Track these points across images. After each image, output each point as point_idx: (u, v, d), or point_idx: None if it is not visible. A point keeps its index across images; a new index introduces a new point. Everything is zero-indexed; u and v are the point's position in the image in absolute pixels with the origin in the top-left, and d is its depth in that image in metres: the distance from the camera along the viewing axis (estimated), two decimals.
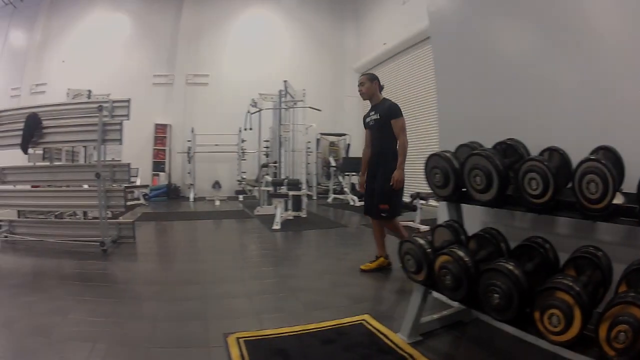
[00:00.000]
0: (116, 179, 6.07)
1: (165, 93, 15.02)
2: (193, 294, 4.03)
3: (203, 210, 11.23)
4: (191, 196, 13.67)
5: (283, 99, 10.48)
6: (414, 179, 12.19)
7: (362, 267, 4.79)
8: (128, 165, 6.18)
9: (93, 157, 8.52)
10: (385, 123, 4.63)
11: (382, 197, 4.61)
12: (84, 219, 7.68)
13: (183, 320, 3.30)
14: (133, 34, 15.86)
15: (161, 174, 14.58)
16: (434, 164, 2.83)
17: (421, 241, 2.69)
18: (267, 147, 12.19)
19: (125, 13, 15.88)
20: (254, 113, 11.38)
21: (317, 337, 2.89)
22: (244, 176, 13.62)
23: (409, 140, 4.70)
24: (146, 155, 14.44)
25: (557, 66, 2.64)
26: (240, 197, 13.44)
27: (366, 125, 4.96)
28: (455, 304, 3.11)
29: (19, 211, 7.68)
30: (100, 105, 5.82)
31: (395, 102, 4.81)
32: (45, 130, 6.22)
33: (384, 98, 4.88)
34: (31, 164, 7.32)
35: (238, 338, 2.84)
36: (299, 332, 2.98)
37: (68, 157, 8.09)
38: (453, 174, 2.68)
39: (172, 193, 14.32)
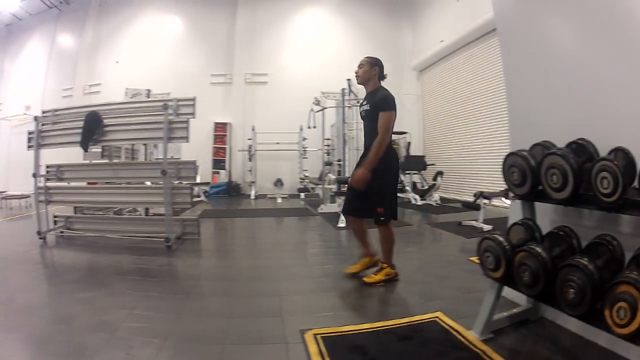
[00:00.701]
0: (181, 176, 6.44)
1: (223, 92, 15.82)
2: (263, 290, 4.20)
3: (265, 208, 11.64)
4: (252, 193, 14.24)
5: (346, 97, 10.76)
6: (477, 177, 12.27)
7: (366, 279, 4.43)
8: (194, 162, 6.57)
9: (153, 155, 9.04)
10: (375, 115, 4.33)
11: (375, 199, 4.36)
12: (146, 215, 8.15)
13: (256, 316, 3.45)
14: (186, 35, 16.94)
15: (221, 171, 15.32)
16: (512, 163, 2.93)
17: (501, 238, 2.81)
18: (328, 146, 12.48)
19: (177, 15, 17.01)
20: (318, 112, 11.67)
21: (393, 334, 3.01)
22: (307, 174, 13.98)
23: (473, 142, 4.55)
24: (206, 153, 15.19)
25: (625, 68, 2.71)
26: (302, 195, 13.81)
27: (361, 116, 4.72)
28: (523, 302, 3.29)
29: (75, 207, 8.24)
30: (165, 104, 6.19)
31: (391, 93, 4.45)
32: (107, 129, 6.65)
33: (380, 87, 4.56)
34: (87, 161, 7.87)
35: (315, 334, 2.97)
36: (375, 329, 3.10)
37: (127, 155, 8.56)
38: (530, 173, 2.79)
39: (232, 190, 15.00)
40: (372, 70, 4.53)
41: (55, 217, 7.61)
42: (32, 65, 19.94)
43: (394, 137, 15.04)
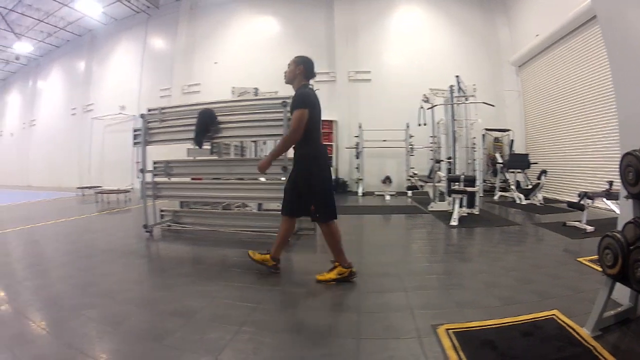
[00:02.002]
0: None
1: (327, 90, 15.87)
2: (388, 286, 4.30)
3: (373, 205, 11.66)
4: (360, 191, 14.36)
5: (455, 95, 10.59)
6: (578, 177, 11.71)
7: (318, 276, 4.47)
8: None
9: (263, 152, 9.09)
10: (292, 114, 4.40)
11: (307, 199, 4.46)
12: (258, 210, 8.24)
13: (384, 311, 3.56)
14: (283, 35, 17.46)
15: None
16: (628, 163, 2.98)
17: (619, 236, 2.88)
18: (433, 143, 12.36)
19: (271, 15, 17.69)
20: (429, 109, 11.52)
21: (516, 330, 3.14)
22: (415, 172, 13.86)
23: (576, 140, 4.46)
24: None
25: None
26: (409, 193, 13.76)
27: None
28: (625, 301, 3.34)
29: (181, 202, 8.50)
30: (284, 101, 6.18)
31: (309, 90, 4.48)
32: (221, 126, 6.75)
33: (302, 85, 4.55)
34: (191, 158, 8.15)
35: (447, 329, 3.10)
36: (499, 325, 3.23)
37: (236, 151, 8.65)
38: None
39: (339, 187, 15.18)
40: (296, 69, 4.56)
41: (162, 211, 7.95)
42: (124, 67, 21.25)
43: (497, 134, 14.83)
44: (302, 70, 4.55)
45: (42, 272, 4.98)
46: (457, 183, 8.77)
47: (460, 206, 8.51)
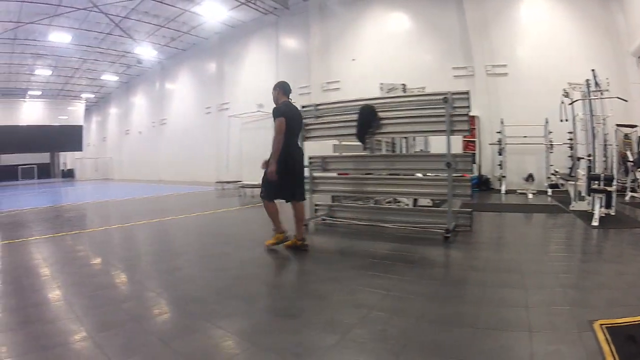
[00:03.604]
0: (459, 168, 6.66)
1: (467, 85, 15.44)
2: (546, 283, 4.40)
3: (515, 203, 11.56)
4: (502, 188, 14.15)
5: (591, 89, 10.31)
6: None
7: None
8: (472, 155, 6.75)
9: (414, 147, 9.43)
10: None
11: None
12: (414, 206, 8.55)
13: (551, 305, 3.72)
14: (416, 30, 17.73)
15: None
16: None
17: None
18: (571, 140, 12.02)
19: (401, 11, 17.91)
20: (570, 104, 11.29)
21: None
22: (556, 170, 13.52)
23: None
24: (455, 146, 15.26)
25: None
26: (549, 191, 13.39)
27: None
28: None
29: (332, 196, 8.92)
30: (445, 97, 6.45)
31: (284, 104, 6.04)
32: (383, 122, 7.07)
33: (283, 101, 6.14)
34: (338, 154, 8.55)
35: (601, 325, 3.24)
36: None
37: (388, 147, 9.02)
38: None
39: (482, 185, 15.08)
40: (275, 92, 6.28)
41: (316, 205, 8.35)
42: (259, 67, 22.88)
43: (627, 130, 14.12)
44: (279, 92, 6.24)
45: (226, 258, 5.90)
46: (597, 182, 8.56)
47: (600, 206, 8.41)
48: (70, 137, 39.13)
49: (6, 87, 36.39)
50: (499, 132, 14.34)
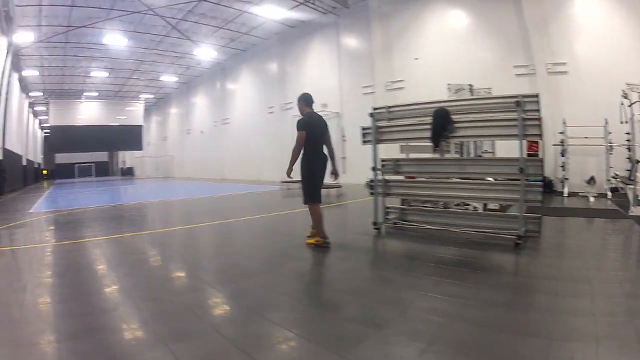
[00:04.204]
0: (529, 173, 6.59)
1: (528, 83, 15.64)
2: (617, 292, 4.39)
3: (576, 207, 11.23)
4: (565, 191, 13.88)
5: None
6: None
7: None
8: (541, 160, 6.76)
9: (482, 149, 9.46)
10: None
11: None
12: (484, 210, 8.57)
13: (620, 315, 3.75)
14: (475, 27, 17.63)
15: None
16: None
17: None
18: (628, 141, 11.81)
19: (460, 8, 17.78)
20: (630, 106, 11.07)
21: None
22: (616, 172, 13.19)
23: None
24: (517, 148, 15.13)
25: None
26: (609, 195, 13.05)
27: None
28: None
29: (402, 200, 8.94)
30: (518, 101, 6.40)
31: (306, 117, 6.82)
32: (457, 125, 7.05)
33: (307, 112, 6.94)
34: (403, 155, 8.70)
35: None
36: None
37: (456, 150, 9.07)
38: None
39: (546, 187, 14.58)
40: (299, 105, 7.08)
41: (387, 208, 8.40)
42: (320, 66, 23.36)
43: None
44: (302, 104, 7.02)
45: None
46: None
47: None
48: (130, 137, 40.96)
49: (60, 89, 38.35)
50: (562, 133, 14.09)
